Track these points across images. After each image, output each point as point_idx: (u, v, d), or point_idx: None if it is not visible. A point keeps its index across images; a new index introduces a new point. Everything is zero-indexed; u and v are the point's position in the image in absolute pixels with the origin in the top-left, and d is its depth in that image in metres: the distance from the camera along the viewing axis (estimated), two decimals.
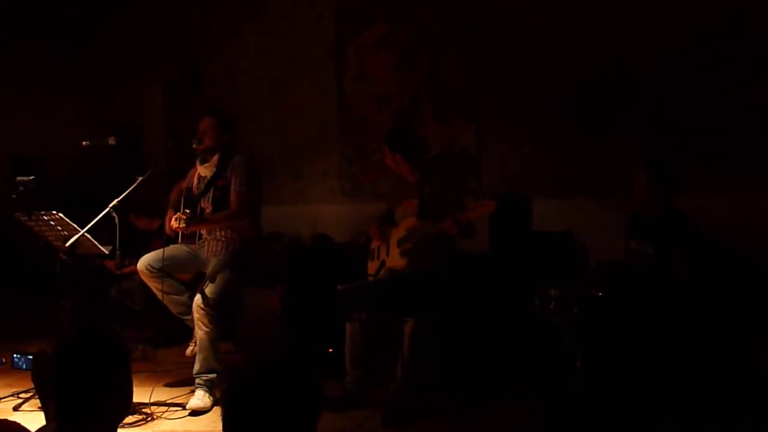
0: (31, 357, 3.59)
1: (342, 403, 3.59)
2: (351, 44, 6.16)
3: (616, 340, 3.32)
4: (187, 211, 3.67)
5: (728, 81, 4.55)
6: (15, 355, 3.75)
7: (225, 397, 1.56)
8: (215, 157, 3.91)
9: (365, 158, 6.09)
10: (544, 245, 4.11)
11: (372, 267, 3.90)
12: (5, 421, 2.02)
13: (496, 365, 3.82)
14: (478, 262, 4.08)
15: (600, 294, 3.39)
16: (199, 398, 3.67)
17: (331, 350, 4.18)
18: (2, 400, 3.72)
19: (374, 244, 3.94)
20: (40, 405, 3.43)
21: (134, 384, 1.79)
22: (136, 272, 4.04)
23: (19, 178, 3.76)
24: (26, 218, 3.76)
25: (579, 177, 4.96)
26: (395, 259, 3.76)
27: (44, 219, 3.74)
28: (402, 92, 5.86)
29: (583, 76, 4.96)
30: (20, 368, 3.66)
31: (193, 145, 3.89)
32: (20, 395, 3.75)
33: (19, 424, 2.02)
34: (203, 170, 3.97)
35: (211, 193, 3.91)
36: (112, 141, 4.04)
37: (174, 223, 3.69)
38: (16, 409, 3.63)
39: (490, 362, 3.84)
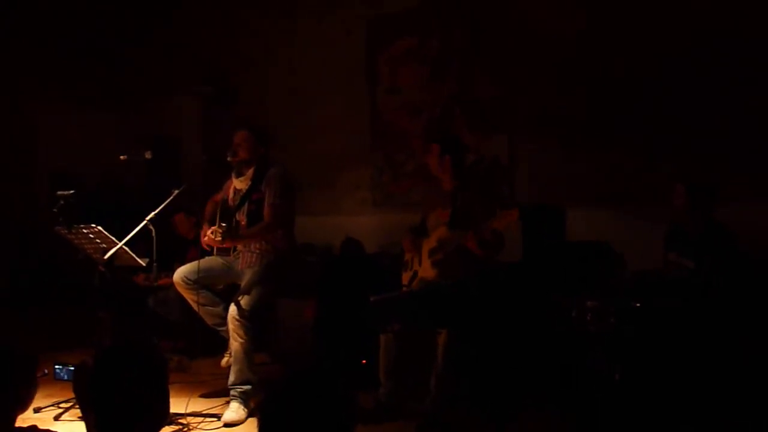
0: (72, 368, 3.65)
1: (376, 415, 3.57)
2: (382, 56, 6.20)
3: (654, 351, 3.24)
4: (223, 224, 3.69)
5: None
6: (56, 366, 3.81)
7: (260, 410, 1.56)
8: (250, 171, 3.93)
9: (396, 169, 6.11)
10: (580, 255, 4.05)
11: (405, 277, 3.89)
12: (47, 431, 2.06)
13: (530, 378, 3.76)
14: (512, 272, 4.03)
15: (637, 305, 3.33)
16: (234, 411, 3.68)
17: (364, 362, 4.16)
18: (43, 410, 3.78)
19: (408, 255, 3.93)
20: (80, 415, 3.50)
21: (170, 395, 1.81)
22: (171, 284, 4.09)
23: (59, 193, 3.84)
24: (66, 231, 3.83)
25: (614, 186, 4.88)
26: (427, 270, 3.74)
27: (83, 232, 3.81)
28: (433, 103, 5.86)
29: (618, 85, 4.90)
30: (62, 379, 3.71)
31: (228, 158, 3.91)
32: (60, 405, 3.81)
33: None
34: (238, 183, 4.00)
35: (246, 207, 3.93)
36: (148, 155, 4.10)
37: (210, 236, 3.72)
38: (56, 418, 3.68)
39: (524, 375, 3.78)
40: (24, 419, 2.16)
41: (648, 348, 3.29)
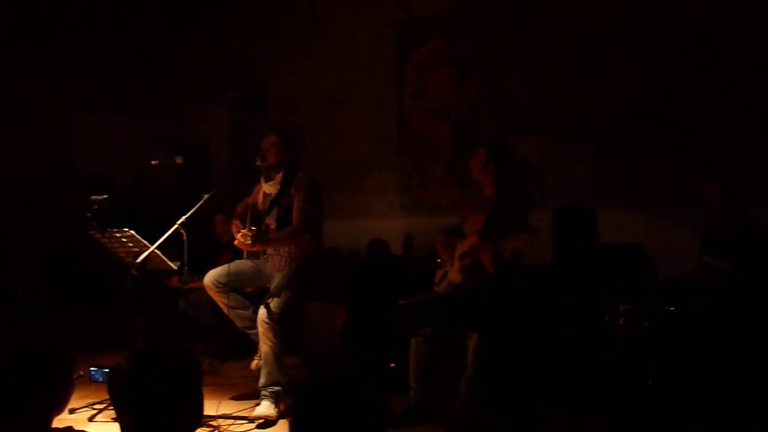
0: (106, 370, 3.70)
1: (406, 419, 3.55)
2: (409, 60, 6.20)
3: (688, 356, 3.18)
4: (253, 228, 3.71)
5: None
6: (92, 369, 3.87)
7: (292, 413, 1.56)
8: (279, 175, 3.96)
9: (423, 173, 6.10)
10: (612, 258, 3.99)
11: (438, 275, 3.90)
12: None
13: (561, 383, 3.72)
14: (542, 275, 3.99)
15: (672, 309, 3.27)
16: (265, 408, 3.70)
17: (392, 365, 4.15)
18: (78, 411, 3.84)
19: (443, 255, 3.94)
20: (114, 416, 3.55)
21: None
22: (201, 287, 4.12)
23: (93, 197, 3.91)
24: (100, 235, 3.88)
25: (646, 188, 4.81)
26: (454, 273, 3.74)
27: (116, 236, 3.86)
28: (461, 106, 5.84)
29: (650, 86, 4.83)
30: (96, 381, 3.77)
31: (257, 162, 3.94)
32: (95, 406, 3.87)
33: None
34: (268, 188, 4.02)
35: (275, 211, 3.95)
36: (179, 160, 4.15)
37: (240, 239, 3.75)
38: (91, 419, 3.74)
39: (555, 380, 3.74)
40: (59, 420, 2.19)
41: (682, 352, 3.23)
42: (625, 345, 3.33)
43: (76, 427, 2.12)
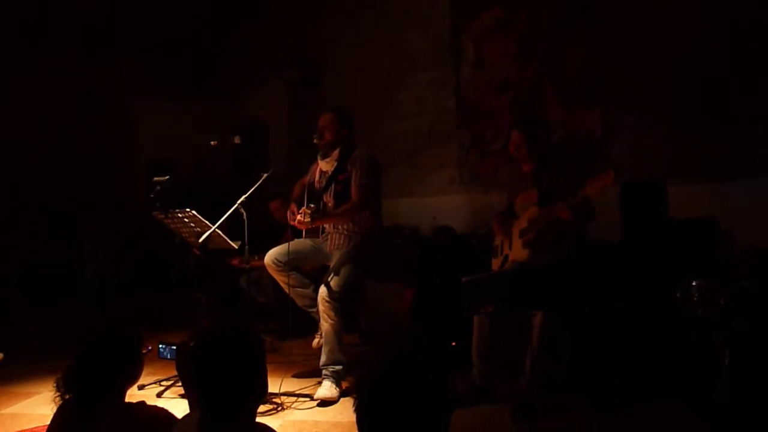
0: (174, 347, 3.80)
1: (469, 398, 3.54)
2: (467, 32, 6.08)
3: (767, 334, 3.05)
4: (312, 206, 3.73)
5: None
6: (160, 346, 3.97)
7: (358, 390, 1.56)
8: (336, 152, 3.96)
9: (483, 147, 6.00)
10: (684, 233, 3.84)
11: (496, 264, 3.83)
12: (157, 407, 2.16)
13: (630, 363, 3.62)
14: (611, 251, 3.88)
15: (748, 284, 3.12)
16: (327, 389, 3.73)
17: (454, 344, 4.13)
18: (147, 387, 3.98)
19: (498, 240, 3.87)
20: (182, 393, 3.66)
21: None
22: (263, 267, 4.18)
23: (155, 179, 3.99)
24: (163, 216, 3.97)
25: (719, 159, 4.59)
26: (518, 251, 3.67)
27: (179, 216, 3.94)
28: (521, 78, 5.70)
29: (722, 53, 4.58)
30: (165, 358, 3.87)
31: (314, 140, 3.97)
32: (162, 383, 4.00)
33: (167, 411, 2.15)
34: (324, 165, 4.03)
35: (333, 187, 3.96)
36: (237, 140, 4.21)
37: (300, 217, 3.77)
38: (159, 395, 3.87)
39: (623, 360, 3.64)
40: (130, 395, 2.26)
41: (760, 331, 3.08)
42: (699, 323, 3.21)
43: (148, 403, 2.19)
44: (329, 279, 3.80)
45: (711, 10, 4.61)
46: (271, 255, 3.98)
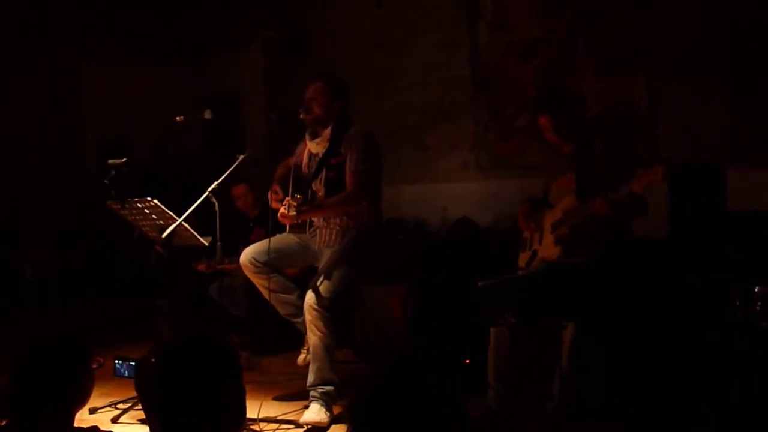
0: (133, 363, 3.81)
1: (484, 425, 3.56)
2: None
3: None
4: (298, 196, 3.71)
5: None
6: (116, 362, 3.98)
7: (352, 413, 1.57)
8: (327, 130, 3.95)
9: (505, 123, 5.99)
10: (744, 228, 3.86)
11: (523, 259, 3.85)
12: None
13: (678, 382, 3.65)
14: (657, 249, 3.90)
15: None
16: (315, 412, 3.75)
17: (468, 361, 4.15)
18: (100, 410, 3.98)
19: (527, 233, 3.90)
20: (142, 417, 3.68)
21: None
22: (237, 269, 4.19)
23: (110, 162, 3.99)
24: (119, 206, 3.97)
25: None
26: (549, 248, 3.69)
27: (138, 207, 3.94)
28: (549, 41, 5.70)
29: None
30: (122, 376, 3.88)
31: (301, 115, 3.94)
32: (117, 406, 4.01)
33: None
34: (314, 146, 4.03)
35: (323, 173, 3.96)
36: (207, 115, 4.19)
37: (283, 210, 3.77)
38: (114, 420, 3.88)
39: (670, 379, 3.67)
40: (80, 420, 2.28)
41: None
42: (762, 335, 3.23)
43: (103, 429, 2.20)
44: (318, 283, 3.80)
45: None
46: (249, 254, 3.97)
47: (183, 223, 3.84)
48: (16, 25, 7.68)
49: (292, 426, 3.78)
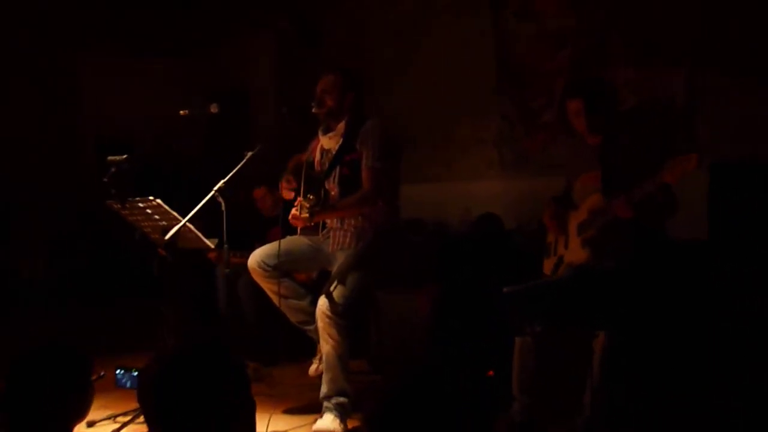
0: (135, 374, 3.82)
1: None
2: None
3: None
4: (311, 196, 3.72)
5: None
6: (117, 371, 3.99)
7: (368, 427, 1.57)
8: (341, 125, 3.97)
9: (531, 119, 5.99)
10: None
11: (548, 265, 3.85)
12: None
13: (720, 396, 3.62)
14: (696, 253, 3.87)
15: None
16: (329, 422, 3.75)
17: (491, 372, 4.15)
18: (98, 423, 4.00)
19: (551, 237, 3.89)
20: (145, 431, 3.69)
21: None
22: (244, 269, 4.19)
23: (110, 158, 4.01)
24: (120, 206, 3.99)
25: None
26: (576, 252, 3.68)
27: (140, 207, 3.96)
28: (581, 30, 5.68)
29: None
30: (123, 387, 3.89)
31: (313, 110, 3.96)
32: (117, 419, 4.03)
33: None
34: (327, 142, 4.04)
35: (337, 171, 3.98)
36: (214, 109, 4.18)
37: (295, 212, 3.78)
38: None
39: (711, 392, 3.65)
40: None
41: None
42: None
43: None
44: (331, 288, 3.80)
45: None
46: (257, 256, 3.99)
47: (187, 224, 3.85)
48: (11, 19, 7.72)
49: None
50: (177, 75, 8.19)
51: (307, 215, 3.71)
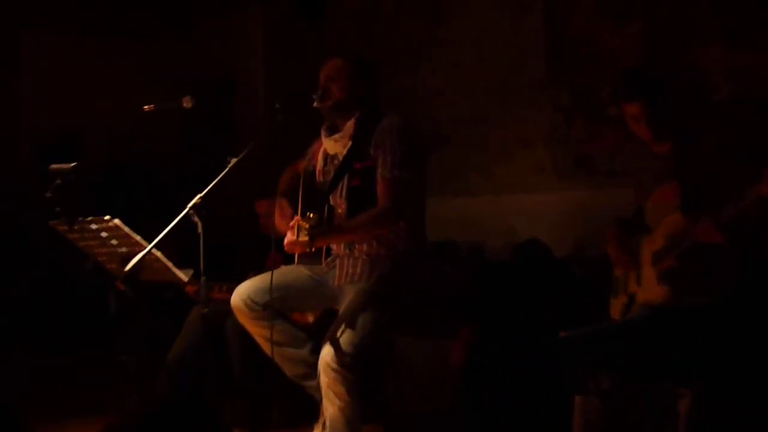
0: None
1: None
2: None
3: None
4: (311, 215, 3.67)
5: None
6: None
7: None
8: (350, 123, 3.98)
9: (594, 112, 5.99)
10: None
11: (616, 307, 3.85)
12: None
13: None
14: None
15: None
16: None
17: None
18: None
19: (618, 270, 3.89)
20: None
21: None
22: (227, 302, 4.18)
23: (54, 167, 4.00)
24: (67, 228, 3.97)
25: None
26: (651, 289, 3.67)
27: (92, 228, 3.94)
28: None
29: None
30: None
31: (314, 104, 3.98)
32: None
33: None
34: (332, 145, 4.05)
35: (345, 182, 3.98)
36: (187, 103, 4.19)
37: (290, 236, 3.74)
38: None
39: None
40: None
41: None
42: None
43: None
44: (338, 334, 3.80)
45: None
46: (243, 292, 4.00)
47: (154, 251, 3.84)
48: None
49: None
50: (143, 60, 8.24)
51: (307, 239, 3.67)
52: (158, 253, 3.87)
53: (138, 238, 3.88)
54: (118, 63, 8.24)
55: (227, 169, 3.96)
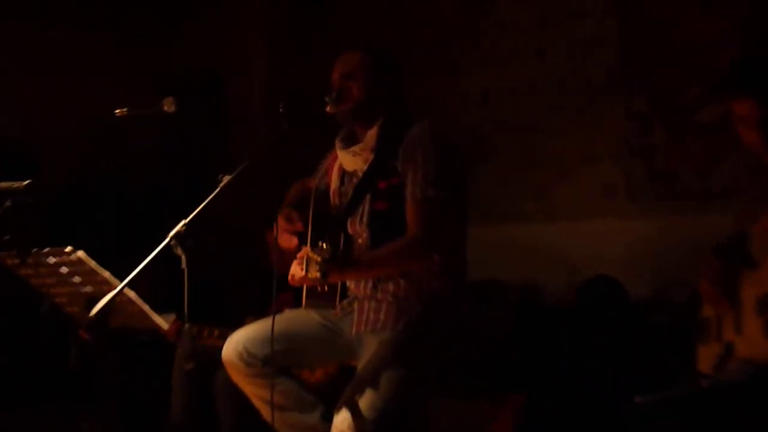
0: None
1: None
2: None
3: None
4: (323, 245, 3.63)
5: None
6: None
7: None
8: (371, 132, 3.98)
9: (679, 117, 5.96)
10: None
11: (707, 356, 3.80)
12: None
13: None
14: None
15: None
16: None
17: None
18: None
19: (708, 311, 3.85)
20: None
21: None
22: (218, 352, 4.15)
23: (1, 185, 3.99)
24: (18, 262, 3.97)
25: None
26: (755, 340, 3.61)
27: (49, 263, 3.94)
28: None
29: None
30: None
31: (328, 107, 3.97)
32: None
33: None
34: (350, 160, 4.07)
35: (367, 206, 3.97)
36: (168, 107, 4.21)
37: (298, 270, 3.74)
38: None
39: None
40: None
41: None
42: None
43: None
44: (357, 396, 3.78)
45: None
46: (238, 342, 3.99)
47: (126, 291, 3.80)
48: None
49: None
50: (116, 53, 8.28)
51: (318, 275, 3.61)
52: (132, 294, 3.86)
53: (107, 274, 3.88)
54: (85, 57, 8.25)
55: (219, 189, 3.91)
